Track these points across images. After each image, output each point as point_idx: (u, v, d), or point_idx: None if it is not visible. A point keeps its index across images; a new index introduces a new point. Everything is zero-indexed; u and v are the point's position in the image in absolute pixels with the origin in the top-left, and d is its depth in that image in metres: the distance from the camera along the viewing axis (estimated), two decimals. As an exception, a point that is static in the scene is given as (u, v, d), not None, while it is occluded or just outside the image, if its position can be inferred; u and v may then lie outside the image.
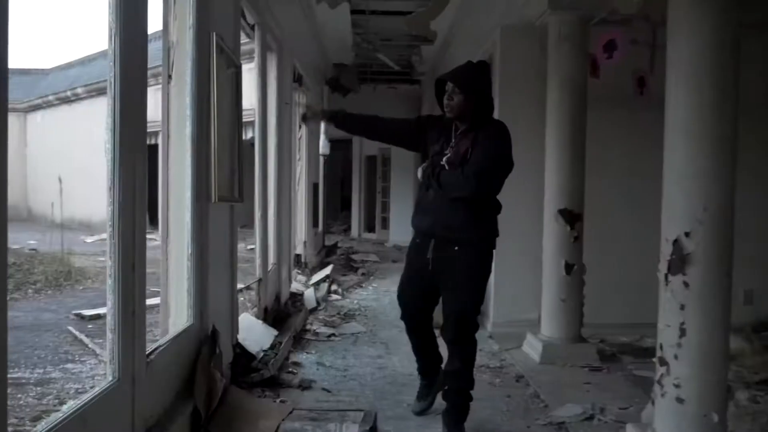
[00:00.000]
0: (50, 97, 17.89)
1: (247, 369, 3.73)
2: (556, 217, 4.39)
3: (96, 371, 4.04)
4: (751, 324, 4.77)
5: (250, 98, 4.77)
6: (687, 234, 2.53)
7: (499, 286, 5.29)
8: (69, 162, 14.42)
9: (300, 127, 8.14)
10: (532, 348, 4.53)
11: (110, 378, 2.08)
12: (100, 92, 14.24)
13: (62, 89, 17.38)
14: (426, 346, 3.41)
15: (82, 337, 4.85)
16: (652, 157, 5.26)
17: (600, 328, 5.02)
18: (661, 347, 2.66)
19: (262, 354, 3.96)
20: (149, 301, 2.47)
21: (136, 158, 2.20)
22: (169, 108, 2.97)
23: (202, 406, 2.77)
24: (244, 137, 10.30)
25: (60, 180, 8.32)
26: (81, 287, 7.44)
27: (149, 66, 2.39)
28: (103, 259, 9.92)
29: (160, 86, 2.92)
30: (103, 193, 2.14)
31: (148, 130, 2.40)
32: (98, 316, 5.61)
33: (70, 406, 1.86)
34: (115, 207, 2.08)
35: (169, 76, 2.98)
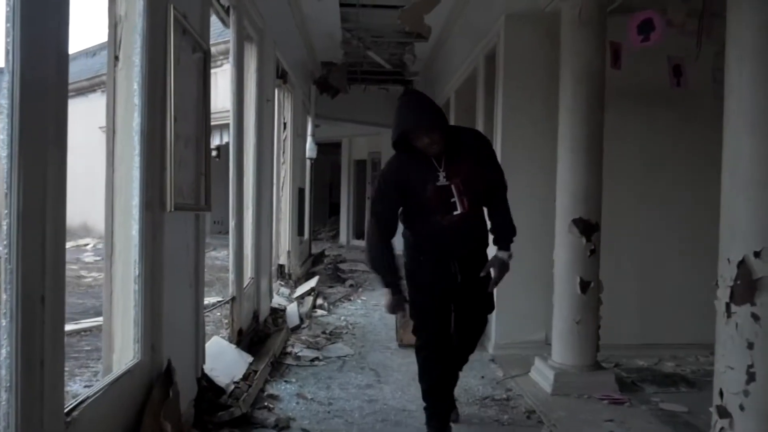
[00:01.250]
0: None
1: (214, 406, 3.18)
2: (570, 227, 3.88)
3: None
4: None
5: (226, 98, 4.25)
6: (757, 254, 2.02)
7: (502, 304, 4.73)
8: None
9: (284, 127, 7.61)
10: (541, 376, 4.00)
11: (4, 453, 1.53)
12: (79, 92, 13.68)
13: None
14: (449, 376, 3.14)
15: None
16: (682, 160, 4.85)
17: (612, 349, 4.50)
18: (721, 394, 2.14)
19: (232, 387, 3.42)
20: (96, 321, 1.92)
21: (48, 154, 1.66)
22: (115, 96, 2.44)
23: (148, 468, 2.22)
24: (221, 141, 9.63)
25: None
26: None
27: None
28: (75, 267, 9.39)
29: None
30: (80, 195, 1.61)
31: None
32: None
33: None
34: (13, 219, 1.53)
35: (116, 57, 2.45)
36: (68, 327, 5.15)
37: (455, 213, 2.91)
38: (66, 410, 1.79)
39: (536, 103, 4.66)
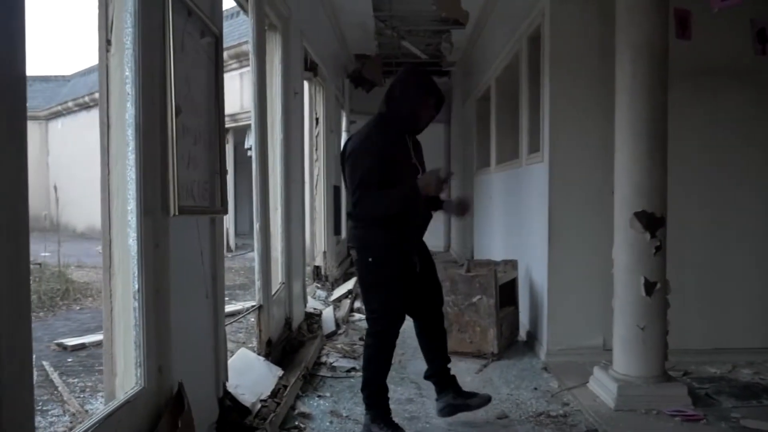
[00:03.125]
0: (70, 104, 17.45)
1: (238, 428, 2.88)
2: (632, 222, 3.44)
3: (54, 429, 3.21)
4: None
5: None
6: None
7: (554, 306, 4.35)
8: (88, 169, 13.90)
9: (317, 123, 7.32)
10: (602, 388, 3.58)
11: None
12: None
13: (81, 95, 16.93)
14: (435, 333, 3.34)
15: (54, 376, 4.06)
16: (759, 145, 4.36)
17: (680, 355, 4.06)
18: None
19: (259, 405, 3.11)
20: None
21: (16, 146, 1.36)
22: (108, 85, 2.13)
23: None
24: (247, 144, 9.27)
25: (56, 188, 7.62)
26: (78, 307, 6.72)
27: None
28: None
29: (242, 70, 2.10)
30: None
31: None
32: (82, 346, 4.85)
33: None
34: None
35: (108, 42, 2.14)
36: (92, 338, 4.96)
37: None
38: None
39: (588, 88, 4.23)
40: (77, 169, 14.27)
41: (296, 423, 3.20)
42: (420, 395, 3.71)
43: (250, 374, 3.40)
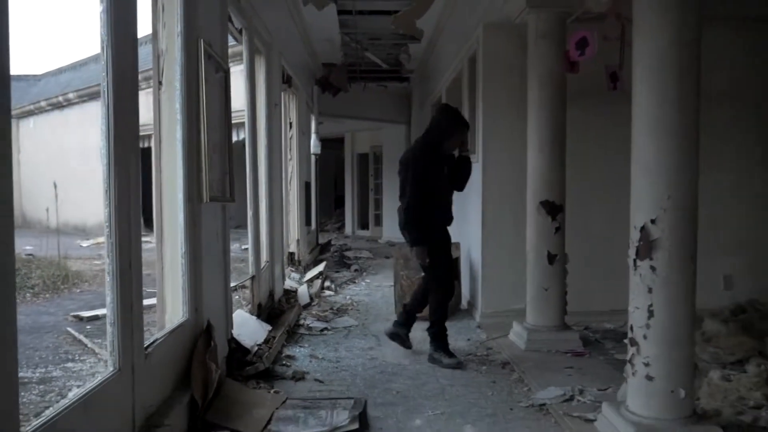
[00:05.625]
0: (42, 103, 17.91)
1: (241, 362, 3.87)
2: (538, 209, 4.54)
3: (96, 369, 4.17)
4: (730, 308, 4.92)
5: (240, 99, 4.91)
6: (653, 221, 2.68)
7: (487, 278, 5.45)
8: (62, 167, 14.54)
9: (290, 127, 8.27)
10: (517, 336, 4.68)
11: (111, 368, 2.22)
12: (92, 97, 14.27)
13: (54, 95, 17.43)
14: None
15: (81, 337, 4.98)
16: (627, 150, 5.49)
17: (586, 315, 5.19)
18: (631, 329, 2.81)
19: (256, 348, 4.11)
20: (145, 302, 2.59)
21: (130, 161, 2.34)
22: (160, 113, 3.11)
23: (198, 396, 2.91)
24: (235, 138, 10.41)
25: (55, 185, 8.42)
26: (78, 290, 7.57)
27: (140, 70, 2.53)
28: (98, 262, 10.11)
29: (150, 90, 3.06)
30: (97, 197, 2.27)
31: (142, 133, 2.55)
32: (96, 318, 5.75)
33: (74, 394, 2.00)
34: (112, 209, 2.21)
35: (160, 83, 3.12)
36: (103, 311, 5.86)
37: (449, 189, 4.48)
38: (145, 345, 2.48)
39: (511, 102, 5.30)
40: (49, 167, 14.80)
41: (284, 362, 4.21)
42: (378, 345, 4.75)
43: (246, 327, 4.39)
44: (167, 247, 3.13)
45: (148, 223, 3.81)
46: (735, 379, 3.45)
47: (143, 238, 2.51)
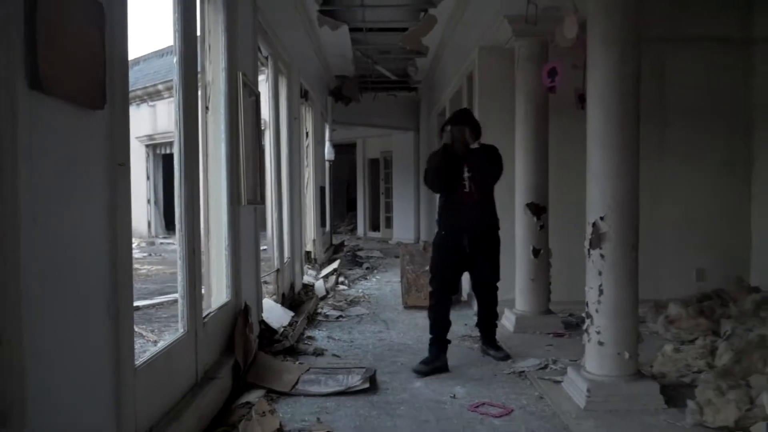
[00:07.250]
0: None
1: (270, 340, 4.59)
2: (525, 210, 5.23)
3: (145, 348, 4.90)
4: (696, 296, 5.57)
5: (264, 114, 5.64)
6: (602, 218, 3.37)
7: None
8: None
9: (306, 136, 9.00)
10: (507, 320, 5.37)
11: (181, 330, 2.94)
12: (141, 100, 14.84)
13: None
14: (449, 309, 4.46)
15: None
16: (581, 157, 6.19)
17: (571, 304, 5.83)
18: (587, 304, 3.50)
19: (282, 329, 4.83)
20: (165, 298, 3.25)
21: (194, 170, 3.07)
22: (207, 133, 3.84)
23: (241, 360, 3.63)
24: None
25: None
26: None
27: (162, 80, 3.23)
28: (144, 262, 10.87)
29: (172, 99, 3.79)
30: (140, 204, 2.97)
31: (164, 141, 3.27)
32: (137, 308, 6.49)
33: (160, 345, 2.73)
34: (182, 208, 2.94)
35: (206, 108, 3.85)
36: (146, 302, 6.62)
37: (464, 191, 4.31)
38: (203, 315, 3.21)
39: (503, 116, 5.99)
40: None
41: (305, 341, 4.92)
42: (387, 329, 5.46)
43: (273, 312, 5.12)
44: (213, 242, 3.86)
45: (170, 227, 4.53)
46: (684, 351, 4.12)
47: (166, 240, 3.22)
